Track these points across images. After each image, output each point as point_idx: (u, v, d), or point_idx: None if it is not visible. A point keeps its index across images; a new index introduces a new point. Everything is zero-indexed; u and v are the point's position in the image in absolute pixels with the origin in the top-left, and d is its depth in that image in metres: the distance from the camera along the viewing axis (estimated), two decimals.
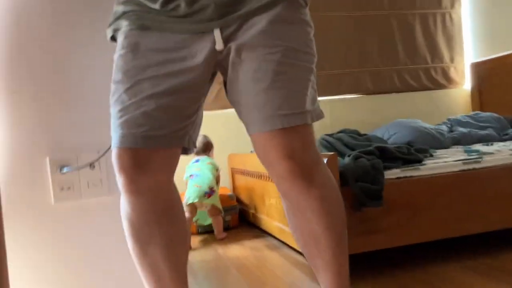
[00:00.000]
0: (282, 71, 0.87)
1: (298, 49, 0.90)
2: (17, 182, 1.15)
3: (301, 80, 0.90)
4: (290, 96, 0.87)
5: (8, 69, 1.14)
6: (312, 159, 0.90)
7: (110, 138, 1.19)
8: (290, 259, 1.99)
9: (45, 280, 1.17)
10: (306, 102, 0.89)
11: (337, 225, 0.95)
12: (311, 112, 0.90)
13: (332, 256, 0.95)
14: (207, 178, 2.54)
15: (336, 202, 0.95)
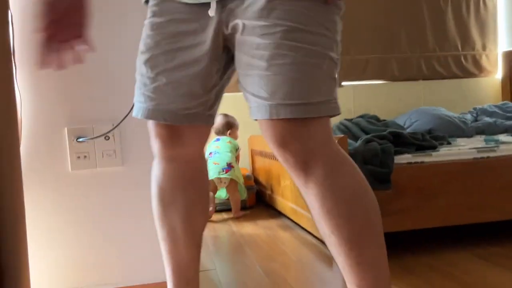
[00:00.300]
0: (280, 54, 0.78)
1: (307, 29, 0.79)
2: (38, 149, 1.24)
3: (305, 65, 0.78)
4: (288, 83, 0.78)
5: (32, 42, 1.22)
6: (311, 151, 0.79)
7: (124, 112, 1.25)
8: (300, 239, 2.03)
9: (60, 241, 1.26)
10: (309, 92, 0.78)
11: (345, 228, 0.80)
12: (317, 105, 0.79)
13: (346, 259, 0.82)
14: (226, 155, 2.62)
15: (348, 201, 0.80)
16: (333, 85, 0.83)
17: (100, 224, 1.29)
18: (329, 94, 0.81)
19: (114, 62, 1.27)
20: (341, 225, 0.80)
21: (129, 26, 1.28)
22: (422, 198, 1.67)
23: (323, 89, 0.81)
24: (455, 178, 1.70)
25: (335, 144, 0.83)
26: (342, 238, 0.80)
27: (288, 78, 0.78)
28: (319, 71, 0.80)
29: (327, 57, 0.80)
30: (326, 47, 0.80)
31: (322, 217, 0.81)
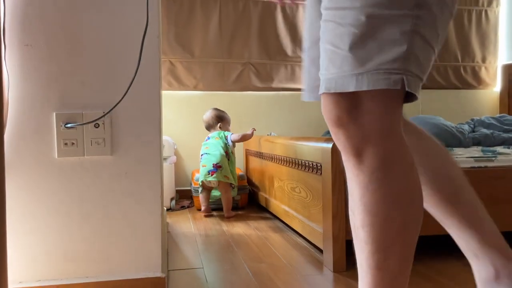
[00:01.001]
0: (328, 20, 0.70)
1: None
2: (23, 133, 1.19)
3: (336, 29, 0.68)
4: (333, 53, 0.69)
5: (22, 23, 1.18)
6: (363, 134, 0.70)
7: (116, 99, 1.21)
8: (291, 241, 1.99)
9: (42, 229, 1.22)
10: (348, 62, 0.68)
11: (377, 228, 0.73)
12: (357, 76, 0.67)
13: (368, 259, 0.75)
14: (213, 156, 2.59)
15: (390, 203, 0.72)
16: (386, 47, 0.65)
17: (85, 214, 1.24)
18: (367, 61, 0.66)
19: (109, 46, 1.23)
20: (375, 224, 0.73)
21: (127, 8, 1.24)
22: None
23: (363, 55, 0.66)
24: None
25: (397, 136, 0.71)
26: (371, 237, 0.73)
27: (332, 47, 0.70)
28: (353, 30, 0.67)
29: (369, 16, 0.65)
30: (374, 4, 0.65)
31: (358, 208, 0.74)
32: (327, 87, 0.70)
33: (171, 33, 3.08)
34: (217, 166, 2.55)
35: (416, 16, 0.65)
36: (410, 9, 0.64)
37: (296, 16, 3.26)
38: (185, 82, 3.12)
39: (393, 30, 0.65)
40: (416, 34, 0.65)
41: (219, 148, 2.62)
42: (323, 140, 1.64)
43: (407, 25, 0.65)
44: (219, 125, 2.79)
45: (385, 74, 0.65)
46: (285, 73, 3.27)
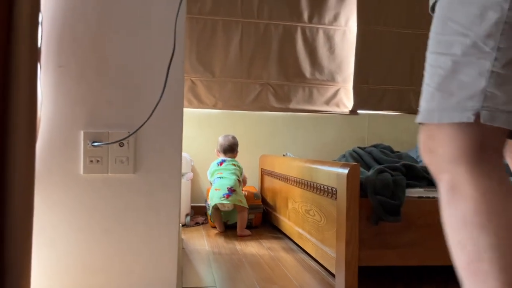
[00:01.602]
0: (427, 62, 0.82)
1: (434, 32, 0.80)
2: (53, 149, 1.25)
3: (430, 70, 0.80)
4: (425, 90, 0.81)
5: (56, 45, 1.25)
6: (439, 165, 0.79)
7: (141, 119, 1.27)
8: (303, 263, 2.00)
9: (65, 242, 1.26)
10: (434, 98, 0.78)
11: (452, 252, 0.77)
12: (440, 110, 0.77)
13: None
14: (228, 180, 2.63)
15: (455, 229, 0.76)
16: (464, 87, 0.75)
17: (107, 229, 1.29)
18: (430, 101, 0.78)
19: (135, 68, 1.29)
20: (450, 247, 0.78)
21: (154, 33, 1.30)
22: (431, 234, 1.64)
23: (430, 95, 0.78)
24: None
25: (469, 163, 0.76)
26: (454, 259, 0.78)
27: (424, 83, 0.81)
28: (435, 77, 0.78)
29: (448, 53, 0.77)
30: (450, 41, 0.77)
31: (446, 229, 0.80)
32: (419, 118, 0.82)
33: (193, 53, 3.17)
34: (231, 190, 2.59)
35: (494, 59, 0.74)
36: (487, 53, 0.74)
37: (316, 40, 3.32)
38: (205, 100, 3.19)
39: (472, 71, 0.74)
40: (493, 73, 0.73)
41: (236, 173, 2.68)
42: (340, 165, 1.66)
43: (485, 66, 0.74)
44: (233, 153, 2.87)
45: (463, 110, 0.74)
46: (303, 95, 3.31)
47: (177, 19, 1.28)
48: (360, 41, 3.35)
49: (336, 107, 3.36)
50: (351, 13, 3.36)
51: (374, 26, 3.39)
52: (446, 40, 0.78)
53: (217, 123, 3.22)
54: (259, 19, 3.25)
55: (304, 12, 3.30)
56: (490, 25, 0.73)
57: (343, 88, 3.37)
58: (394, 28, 3.42)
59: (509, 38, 0.72)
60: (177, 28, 1.29)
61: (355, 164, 1.57)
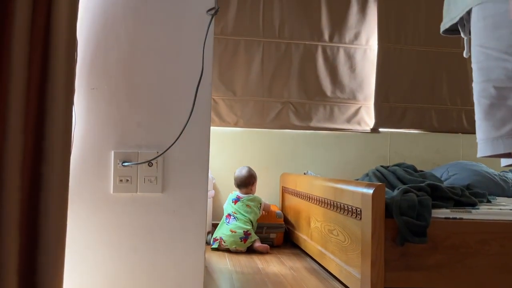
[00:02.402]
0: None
1: (472, 63, 0.84)
2: (85, 169, 1.29)
3: (475, 101, 0.84)
4: (476, 123, 0.85)
5: (89, 68, 1.29)
6: None
7: (169, 139, 1.30)
8: (327, 284, 1.98)
9: (93, 259, 1.29)
10: (481, 129, 0.82)
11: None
12: (492, 140, 0.79)
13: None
14: (243, 223, 2.62)
15: None
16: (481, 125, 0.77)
17: (135, 247, 1.31)
18: (479, 133, 0.80)
19: (164, 90, 1.33)
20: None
21: (183, 55, 1.34)
22: (458, 256, 1.62)
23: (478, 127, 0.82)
24: (494, 238, 1.64)
25: None
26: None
27: None
28: (484, 100, 0.80)
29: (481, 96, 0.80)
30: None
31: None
32: (478, 153, 0.81)
33: (215, 72, 3.22)
34: (248, 233, 2.59)
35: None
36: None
37: (336, 59, 3.34)
38: (226, 118, 3.23)
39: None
40: None
41: (252, 215, 2.66)
42: (364, 185, 1.66)
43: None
44: (248, 187, 2.82)
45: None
46: (324, 113, 3.32)
47: (205, 43, 1.32)
48: (381, 59, 3.36)
49: (358, 125, 3.36)
50: (372, 32, 3.38)
51: (394, 45, 3.39)
52: (483, 67, 0.77)
53: (238, 141, 3.25)
54: (280, 38, 3.29)
55: (324, 32, 3.33)
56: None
57: (364, 106, 3.37)
58: (414, 46, 3.42)
59: None
60: (205, 52, 1.33)
61: (381, 184, 1.56)
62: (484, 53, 0.77)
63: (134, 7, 1.32)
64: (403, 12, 3.42)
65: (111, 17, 1.31)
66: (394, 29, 3.39)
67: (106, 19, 1.30)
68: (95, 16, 1.30)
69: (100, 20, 1.30)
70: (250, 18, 3.26)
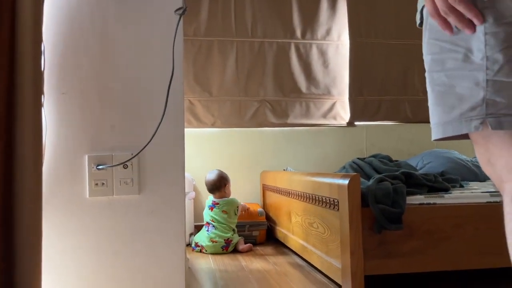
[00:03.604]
0: (427, 82, 0.90)
1: (426, 54, 0.88)
2: (58, 174, 1.28)
3: (429, 89, 0.88)
4: (430, 108, 0.88)
5: (58, 72, 1.28)
6: (498, 174, 0.81)
7: (143, 141, 1.30)
8: (310, 277, 2.01)
9: (73, 264, 1.28)
10: (434, 114, 0.86)
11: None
12: (443, 125, 0.84)
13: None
14: (223, 231, 2.60)
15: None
16: (435, 109, 0.83)
17: (114, 250, 1.31)
18: (465, 112, 0.79)
19: (136, 92, 1.33)
20: (510, 254, 0.78)
21: (153, 57, 1.34)
22: (433, 240, 1.66)
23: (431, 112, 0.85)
24: (467, 221, 1.69)
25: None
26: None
27: None
28: (437, 88, 0.84)
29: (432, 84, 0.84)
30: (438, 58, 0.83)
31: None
32: (432, 136, 0.86)
33: (190, 74, 3.22)
34: (229, 241, 2.58)
35: (486, 68, 0.77)
36: (479, 65, 0.77)
37: (310, 55, 3.38)
38: (203, 119, 3.23)
39: (468, 83, 0.78)
40: (489, 81, 0.77)
41: (229, 223, 2.63)
42: (340, 176, 1.69)
43: (480, 77, 0.77)
44: (220, 191, 2.78)
45: (469, 120, 0.78)
46: (300, 110, 3.35)
47: (175, 42, 1.32)
48: (353, 54, 3.42)
49: (334, 120, 3.40)
50: (343, 27, 3.43)
51: (365, 39, 3.45)
52: (438, 58, 0.83)
53: (217, 142, 3.25)
54: (253, 37, 3.31)
55: (297, 29, 3.37)
56: (476, 39, 0.77)
57: (339, 101, 3.41)
58: (385, 39, 3.49)
59: (493, 48, 0.76)
60: (175, 52, 1.33)
61: (356, 174, 1.59)
62: (439, 45, 0.83)
63: (102, 10, 1.31)
64: (372, 6, 3.48)
65: (78, 21, 1.30)
66: (364, 23, 3.45)
67: (73, 23, 1.30)
68: (61, 20, 1.29)
69: (67, 24, 1.30)
70: (222, 18, 3.27)
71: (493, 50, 0.76)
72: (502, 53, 0.76)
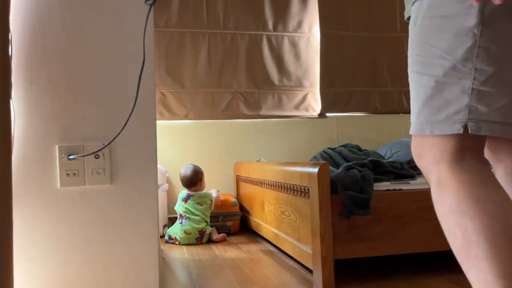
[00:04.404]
0: (411, 79, 0.95)
1: (413, 53, 0.93)
2: (28, 165, 1.27)
3: (415, 88, 0.93)
4: (413, 105, 0.93)
5: (27, 62, 1.27)
6: (426, 168, 0.92)
7: (115, 130, 1.30)
8: (282, 263, 2.06)
9: (46, 256, 1.28)
10: (422, 113, 0.91)
11: (448, 241, 0.87)
12: (431, 124, 0.89)
13: None
14: (197, 222, 2.61)
15: (443, 218, 0.87)
16: (422, 106, 0.89)
17: (87, 241, 1.31)
18: (418, 115, 0.90)
19: (107, 82, 1.33)
20: (446, 236, 0.87)
21: (124, 46, 1.34)
22: (400, 224, 1.73)
23: (416, 110, 0.91)
24: (431, 205, 1.75)
25: (450, 162, 0.87)
26: (451, 244, 0.86)
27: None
28: (416, 94, 0.91)
29: (421, 84, 0.90)
30: (422, 70, 0.90)
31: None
32: (412, 130, 0.93)
33: (161, 65, 3.20)
34: (202, 232, 2.59)
35: (473, 78, 0.85)
36: (467, 74, 0.85)
37: (281, 47, 3.41)
38: (176, 111, 3.22)
39: (456, 90, 0.86)
40: (475, 89, 0.85)
41: (204, 215, 2.64)
42: (310, 165, 1.73)
43: (466, 85, 0.85)
44: (195, 185, 2.79)
45: (453, 123, 0.86)
46: (272, 101, 3.39)
47: (145, 31, 1.33)
48: (323, 46, 3.47)
49: (305, 111, 3.46)
50: (314, 20, 3.48)
51: (336, 31, 3.51)
52: (427, 62, 0.89)
53: (190, 134, 3.26)
54: (225, 29, 3.32)
55: (268, 21, 3.39)
56: (465, 50, 0.84)
57: (310, 93, 3.47)
58: (355, 32, 3.55)
59: (484, 60, 0.84)
60: (146, 42, 1.34)
61: (325, 162, 1.64)
62: (430, 50, 0.89)
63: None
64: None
65: (46, 10, 1.29)
66: (335, 16, 3.51)
67: (41, 13, 1.29)
68: (29, 9, 1.28)
69: (35, 14, 1.28)
70: (193, 9, 3.26)
71: (483, 63, 0.84)
72: (490, 66, 0.84)
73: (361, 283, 1.70)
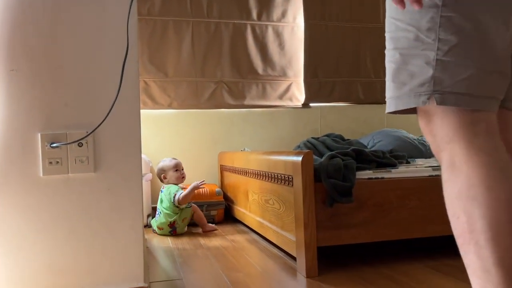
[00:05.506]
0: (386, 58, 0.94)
1: (389, 30, 0.92)
2: (10, 154, 1.25)
3: (386, 66, 0.92)
4: (386, 83, 0.93)
5: (6, 49, 1.25)
6: (438, 144, 0.87)
7: (98, 118, 1.29)
8: (266, 251, 2.08)
9: (30, 245, 1.27)
10: (389, 89, 0.90)
11: (451, 223, 0.84)
12: (396, 99, 0.89)
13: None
14: (165, 216, 2.56)
15: (451, 201, 0.83)
16: (415, 75, 0.86)
17: (71, 229, 1.30)
18: (415, 87, 0.86)
19: (90, 70, 1.32)
20: (449, 217, 0.84)
21: (107, 34, 1.33)
22: (381, 211, 1.77)
23: (389, 86, 0.90)
24: (412, 193, 1.80)
25: (463, 140, 0.83)
26: (452, 224, 0.84)
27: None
28: (389, 69, 0.90)
29: (392, 58, 0.90)
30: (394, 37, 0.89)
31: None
32: (386, 110, 0.92)
33: (145, 54, 3.17)
34: (173, 224, 2.54)
35: (437, 49, 0.83)
36: (431, 45, 0.83)
37: (266, 37, 3.41)
38: (159, 101, 3.20)
39: (419, 61, 0.85)
40: (438, 60, 0.83)
41: (170, 208, 2.57)
42: (294, 153, 1.75)
43: (430, 56, 0.83)
44: (164, 178, 2.75)
45: (417, 96, 0.85)
46: (257, 91, 3.39)
47: (129, 18, 1.32)
48: (307, 36, 3.48)
49: (289, 101, 3.47)
50: (298, 10, 3.48)
51: (320, 21, 3.52)
52: (394, 36, 0.90)
53: (173, 123, 3.24)
54: (209, 18, 3.29)
55: (253, 10, 3.38)
56: (428, 20, 0.83)
57: (294, 83, 3.48)
58: (338, 22, 3.57)
59: (446, 29, 0.83)
60: (130, 28, 1.33)
61: (309, 151, 1.66)
62: (394, 24, 0.89)
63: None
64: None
65: None
66: (319, 6, 3.51)
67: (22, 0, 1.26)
68: None
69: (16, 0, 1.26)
70: None
71: (446, 32, 0.82)
72: (454, 36, 0.82)
73: (344, 269, 1.73)
